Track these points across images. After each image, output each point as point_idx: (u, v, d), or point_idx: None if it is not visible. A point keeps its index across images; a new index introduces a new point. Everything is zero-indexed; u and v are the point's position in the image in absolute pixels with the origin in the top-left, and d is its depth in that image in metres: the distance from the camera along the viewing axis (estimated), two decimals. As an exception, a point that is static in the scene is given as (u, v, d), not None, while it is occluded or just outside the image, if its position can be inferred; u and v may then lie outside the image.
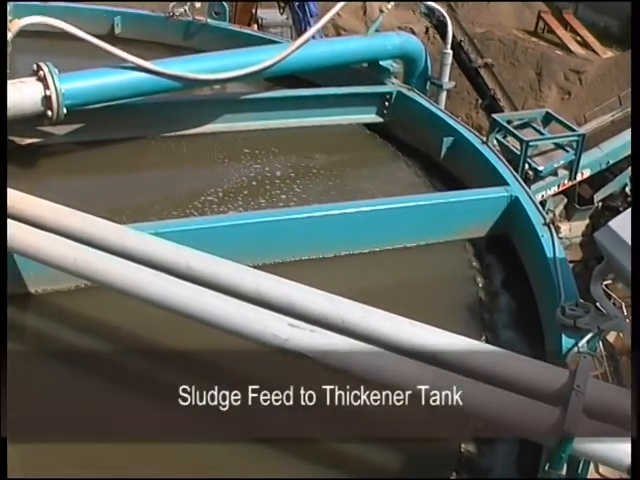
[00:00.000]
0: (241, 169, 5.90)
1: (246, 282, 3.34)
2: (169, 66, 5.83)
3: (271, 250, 4.48)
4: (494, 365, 3.09)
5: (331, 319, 3.18)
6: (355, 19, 24.51)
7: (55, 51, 6.51)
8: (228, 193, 5.52)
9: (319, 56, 6.70)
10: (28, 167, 5.66)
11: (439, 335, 3.17)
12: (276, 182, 5.72)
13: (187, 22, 8.38)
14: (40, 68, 5.39)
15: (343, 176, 5.91)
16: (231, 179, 5.74)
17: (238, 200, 5.42)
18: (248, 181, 5.73)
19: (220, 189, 5.57)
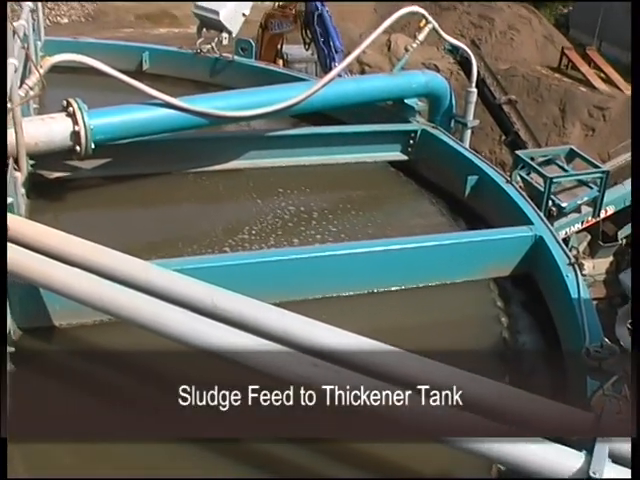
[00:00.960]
0: (265, 206, 5.93)
1: (272, 321, 3.33)
2: (196, 103, 5.90)
3: (294, 288, 4.47)
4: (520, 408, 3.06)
5: (355, 360, 3.17)
6: (379, 55, 24.64)
7: (85, 86, 6.60)
8: (252, 229, 5.54)
9: (345, 94, 6.76)
10: (55, 201, 5.72)
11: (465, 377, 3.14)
12: (300, 219, 5.73)
13: (214, 59, 8.49)
14: (70, 104, 5.47)
15: (367, 214, 5.92)
16: (255, 215, 5.76)
17: (261, 236, 5.44)
18: (272, 218, 5.74)
19: (244, 225, 5.59)
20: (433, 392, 3.01)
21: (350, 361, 3.20)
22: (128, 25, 27.14)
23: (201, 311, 3.44)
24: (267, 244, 5.34)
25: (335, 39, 14.67)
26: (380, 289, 4.78)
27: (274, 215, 5.80)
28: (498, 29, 28.08)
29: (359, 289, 4.73)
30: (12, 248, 3.73)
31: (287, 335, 3.29)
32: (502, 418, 2.97)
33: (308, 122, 7.02)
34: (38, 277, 3.69)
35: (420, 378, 3.11)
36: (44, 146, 5.38)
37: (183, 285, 3.59)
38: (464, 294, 5.04)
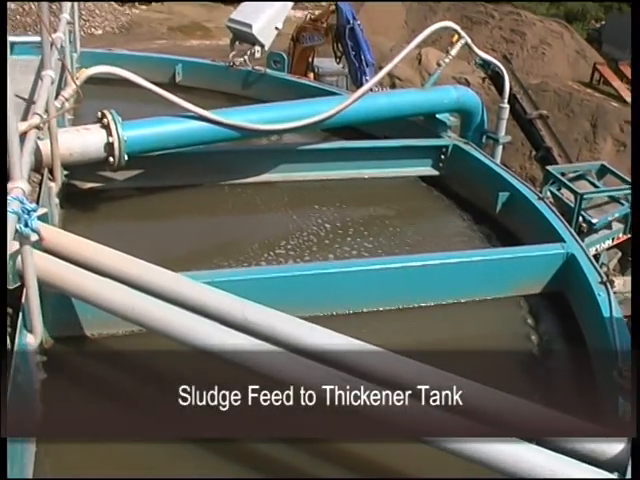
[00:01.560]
0: (296, 219, 5.95)
1: (301, 335, 3.34)
2: (229, 116, 5.94)
3: (326, 302, 4.46)
4: (550, 429, 3.04)
5: (386, 376, 3.16)
6: (410, 69, 24.65)
7: (118, 97, 6.67)
8: (282, 243, 5.55)
9: (377, 108, 6.78)
10: (88, 211, 5.77)
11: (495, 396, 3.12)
12: (331, 233, 5.74)
13: (247, 71, 8.55)
14: (104, 115, 5.53)
15: (398, 229, 5.91)
16: (286, 229, 5.78)
17: (292, 250, 5.45)
18: (302, 231, 5.76)
19: (275, 239, 5.61)
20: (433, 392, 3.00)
21: (378, 376, 3.20)
22: (161, 37, 27.40)
23: (232, 324, 3.45)
24: (297, 258, 5.35)
25: (366, 53, 14.68)
26: (410, 305, 4.76)
27: (304, 229, 5.81)
28: (530, 43, 28.04)
29: (389, 305, 4.71)
30: (45, 258, 3.78)
31: (315, 349, 3.29)
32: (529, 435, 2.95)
33: (339, 136, 7.05)
34: (71, 287, 3.72)
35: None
36: (78, 157, 5.44)
37: (214, 298, 3.61)
38: (494, 311, 5.00)
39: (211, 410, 3.13)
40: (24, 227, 3.21)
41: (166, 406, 3.68)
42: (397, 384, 3.15)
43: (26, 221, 3.21)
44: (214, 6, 35.99)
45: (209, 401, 3.13)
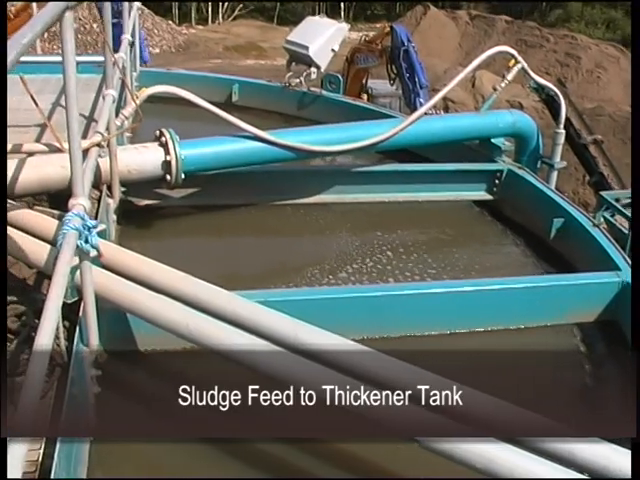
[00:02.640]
0: (349, 241, 5.97)
1: (355, 358, 3.34)
2: (284, 137, 5.99)
3: (376, 325, 4.46)
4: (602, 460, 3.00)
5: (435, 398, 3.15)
6: (464, 91, 24.59)
7: (176, 116, 6.78)
8: (336, 264, 5.57)
9: (431, 132, 6.78)
10: (143, 227, 5.86)
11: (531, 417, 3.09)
12: (381, 256, 5.74)
13: (302, 92, 8.61)
14: (162, 134, 5.62)
15: (451, 253, 5.89)
16: (339, 250, 5.80)
17: (345, 272, 5.46)
18: (356, 253, 5.77)
19: (328, 260, 5.63)
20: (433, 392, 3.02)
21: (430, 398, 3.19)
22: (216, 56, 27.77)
23: (283, 344, 3.47)
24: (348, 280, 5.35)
25: (420, 75, 14.68)
26: (462, 330, 4.73)
27: (355, 250, 5.82)
28: (585, 67, 27.82)
29: (438, 329, 4.69)
30: (103, 273, 3.84)
31: (368, 372, 3.29)
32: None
33: (393, 158, 7.06)
34: (126, 303, 3.77)
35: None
36: (136, 174, 5.53)
37: (267, 317, 3.63)
38: (547, 338, 4.95)
39: (211, 410, 3.22)
40: (84, 243, 3.27)
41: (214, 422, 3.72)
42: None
43: (87, 237, 3.27)
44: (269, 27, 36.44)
45: (209, 401, 3.24)
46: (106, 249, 3.93)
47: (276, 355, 3.33)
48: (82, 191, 3.35)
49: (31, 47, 2.51)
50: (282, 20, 46.25)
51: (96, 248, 3.38)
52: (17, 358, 3.64)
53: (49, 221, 4.43)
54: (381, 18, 46.85)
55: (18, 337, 3.78)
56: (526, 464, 2.93)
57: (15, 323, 3.86)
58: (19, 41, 2.34)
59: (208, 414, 3.80)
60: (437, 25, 35.01)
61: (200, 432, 3.66)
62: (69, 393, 3.15)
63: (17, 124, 6.44)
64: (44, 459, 2.97)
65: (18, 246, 4.18)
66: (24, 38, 2.39)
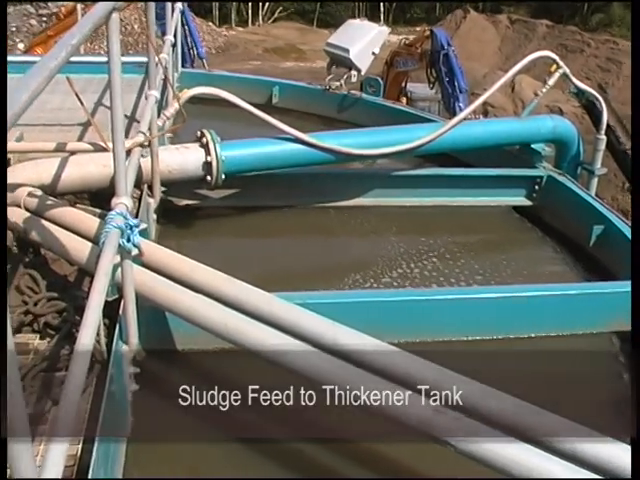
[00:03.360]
0: (387, 245, 5.96)
1: (394, 362, 3.34)
2: (325, 139, 5.99)
3: (413, 329, 4.44)
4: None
5: (478, 408, 3.13)
6: (503, 96, 24.44)
7: (216, 117, 6.82)
8: (374, 268, 5.56)
9: (472, 136, 6.74)
10: (183, 227, 5.90)
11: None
12: (419, 260, 5.72)
13: (342, 95, 8.61)
14: (203, 135, 5.66)
15: (489, 259, 5.85)
16: (377, 254, 5.79)
17: (381, 275, 5.44)
18: (393, 257, 5.76)
19: (366, 263, 5.63)
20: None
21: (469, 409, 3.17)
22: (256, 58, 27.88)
23: (322, 346, 3.46)
24: (385, 283, 5.35)
25: (460, 79, 14.63)
26: (500, 336, 4.70)
27: (393, 254, 5.81)
28: (626, 73, 27.51)
29: (478, 334, 4.66)
30: (143, 272, 3.86)
31: (408, 376, 3.28)
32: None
33: (433, 162, 7.04)
34: (166, 302, 3.79)
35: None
36: (177, 174, 5.57)
37: (305, 319, 3.63)
38: (585, 346, 4.90)
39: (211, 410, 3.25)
40: (126, 242, 3.30)
41: (251, 423, 3.74)
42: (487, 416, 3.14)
43: (129, 236, 3.31)
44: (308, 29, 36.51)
45: (209, 401, 3.29)
46: (147, 248, 3.96)
47: (314, 357, 3.33)
48: (125, 190, 3.38)
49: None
50: (322, 23, 46.35)
51: (137, 247, 3.41)
52: (57, 354, 3.68)
53: (91, 219, 4.48)
54: (421, 21, 46.77)
55: (59, 333, 3.82)
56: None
57: (56, 319, 3.91)
58: (68, 42, 2.37)
59: (245, 414, 3.83)
60: (477, 29, 34.87)
61: (237, 432, 3.69)
62: (108, 391, 3.18)
63: (60, 123, 6.54)
64: (82, 455, 3.00)
65: (60, 243, 4.23)
66: (73, 39, 2.42)
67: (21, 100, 1.77)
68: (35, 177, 5.02)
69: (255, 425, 3.76)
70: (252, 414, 3.80)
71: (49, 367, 3.59)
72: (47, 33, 13.46)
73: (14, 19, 29.19)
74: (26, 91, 1.83)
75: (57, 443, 2.05)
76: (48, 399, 3.36)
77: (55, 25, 13.55)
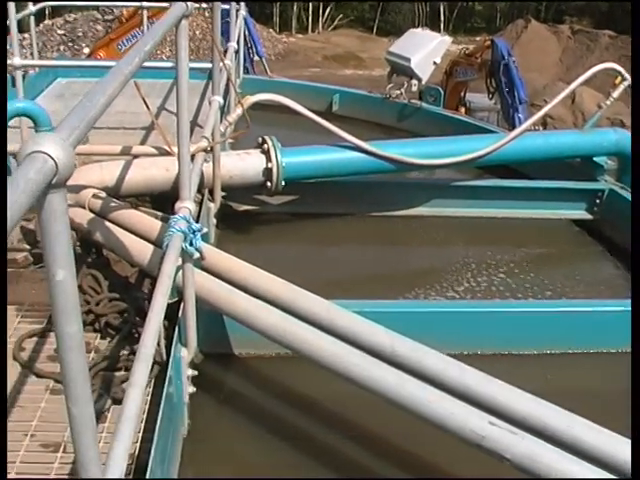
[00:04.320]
0: (444, 255, 5.95)
1: (450, 373, 3.32)
2: (385, 148, 6.00)
3: (469, 340, 4.41)
4: None
5: (533, 423, 3.09)
6: (563, 107, 24.13)
7: (276, 123, 6.86)
8: (430, 277, 5.54)
9: (533, 148, 6.68)
10: (242, 232, 5.95)
11: None
12: (478, 271, 5.68)
13: (402, 104, 8.59)
14: (265, 141, 5.70)
15: (547, 272, 5.77)
16: (434, 263, 5.78)
17: (437, 286, 5.41)
18: (449, 267, 5.73)
19: (423, 273, 5.63)
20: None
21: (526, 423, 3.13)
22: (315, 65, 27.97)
23: (379, 356, 3.46)
24: (442, 294, 5.32)
25: (520, 90, 14.53)
26: (556, 351, 4.63)
27: (451, 265, 5.78)
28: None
29: (536, 349, 4.60)
30: (203, 276, 3.91)
31: (465, 388, 3.26)
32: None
33: (493, 173, 6.99)
34: (225, 306, 3.83)
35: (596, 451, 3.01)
36: (238, 180, 5.62)
37: (363, 328, 3.63)
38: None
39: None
40: (189, 246, 3.35)
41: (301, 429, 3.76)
42: (543, 432, 3.10)
43: (191, 240, 3.35)
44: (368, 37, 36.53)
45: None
46: (208, 252, 4.00)
47: (372, 367, 3.32)
48: (189, 195, 3.43)
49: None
50: (381, 31, 46.33)
51: (199, 251, 3.46)
52: (117, 354, 3.74)
53: (153, 222, 4.55)
54: (481, 31, 46.51)
55: (119, 333, 3.88)
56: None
57: (117, 320, 3.96)
58: (142, 48, 2.42)
59: (298, 420, 3.85)
60: (538, 39, 34.49)
61: (289, 436, 3.70)
62: (166, 392, 3.21)
63: (124, 126, 6.65)
64: (140, 454, 3.04)
65: (122, 245, 4.30)
66: (146, 45, 2.46)
67: (98, 104, 1.81)
68: (99, 179, 5.11)
69: (308, 431, 3.78)
70: (306, 420, 3.84)
71: (109, 366, 3.64)
72: (109, 36, 13.72)
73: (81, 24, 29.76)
74: (102, 95, 1.87)
75: (120, 443, 2.08)
76: (108, 398, 3.41)
77: (117, 29, 13.80)
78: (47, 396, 3.45)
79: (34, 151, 1.42)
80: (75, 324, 1.62)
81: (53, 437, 3.15)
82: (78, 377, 1.68)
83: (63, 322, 1.60)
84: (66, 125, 1.59)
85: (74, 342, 1.63)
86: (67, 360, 1.65)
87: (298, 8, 49.12)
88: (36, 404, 3.37)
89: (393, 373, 3.28)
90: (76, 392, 1.69)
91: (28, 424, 3.24)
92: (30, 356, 3.73)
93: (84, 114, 1.71)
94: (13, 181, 1.32)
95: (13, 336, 3.87)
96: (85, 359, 1.70)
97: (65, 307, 1.58)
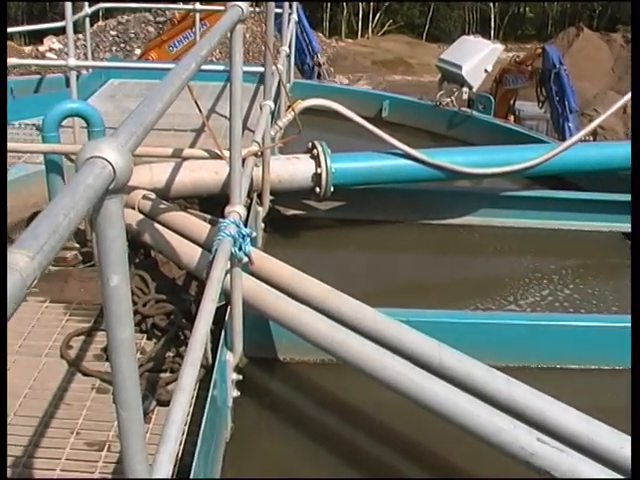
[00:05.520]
0: (491, 265, 5.89)
1: (499, 388, 3.27)
2: (435, 156, 5.95)
3: (516, 353, 4.35)
4: None
5: (583, 441, 3.04)
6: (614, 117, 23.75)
7: (324, 127, 6.86)
8: (477, 288, 5.50)
9: (585, 159, 6.57)
10: (288, 237, 5.95)
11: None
12: (525, 283, 5.60)
13: (453, 112, 8.53)
14: (315, 146, 5.69)
15: (595, 286, 5.64)
16: (480, 274, 5.73)
17: (483, 296, 5.34)
18: (496, 279, 5.68)
19: (469, 283, 5.57)
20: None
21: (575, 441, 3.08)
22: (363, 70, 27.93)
23: (426, 366, 3.43)
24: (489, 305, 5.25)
25: (571, 99, 14.39)
26: (602, 366, 4.53)
27: (500, 276, 5.72)
28: None
29: (581, 363, 4.52)
30: (251, 280, 3.90)
31: (515, 404, 3.21)
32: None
33: (543, 184, 6.90)
34: (272, 311, 3.82)
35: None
36: (286, 184, 5.63)
37: (411, 338, 3.60)
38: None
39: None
40: (238, 251, 3.34)
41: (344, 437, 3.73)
42: (590, 451, 3.04)
43: (241, 245, 3.35)
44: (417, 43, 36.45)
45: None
46: (256, 257, 3.99)
47: (419, 378, 3.29)
48: (239, 199, 3.43)
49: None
50: (431, 37, 46.22)
51: (248, 256, 3.45)
52: (163, 355, 3.75)
53: (202, 225, 4.56)
54: (532, 38, 46.12)
55: (166, 335, 3.89)
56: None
57: (163, 321, 3.98)
58: (198, 53, 2.42)
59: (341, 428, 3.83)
60: (590, 47, 34.06)
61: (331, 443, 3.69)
62: (211, 396, 3.22)
63: (174, 128, 6.70)
64: (183, 455, 3.05)
65: (171, 247, 4.32)
66: (202, 50, 2.47)
67: (156, 109, 1.82)
68: (148, 180, 5.15)
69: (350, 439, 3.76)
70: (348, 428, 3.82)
71: (154, 367, 3.65)
72: (161, 38, 13.84)
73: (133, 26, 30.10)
74: (160, 101, 1.87)
75: (167, 445, 2.09)
76: (153, 399, 3.42)
77: (169, 30, 13.92)
78: (93, 395, 3.47)
79: (93, 156, 1.42)
80: (128, 329, 1.62)
81: (98, 436, 3.18)
82: (129, 382, 1.68)
83: (116, 327, 1.60)
84: (124, 130, 1.60)
85: (126, 347, 1.63)
86: (118, 364, 1.65)
87: (348, 13, 49.19)
88: (82, 402, 3.40)
89: (442, 385, 3.24)
90: (126, 396, 1.69)
91: (74, 422, 3.26)
92: (77, 354, 3.76)
93: (142, 119, 1.71)
94: (72, 186, 1.33)
95: (61, 334, 3.90)
96: (136, 364, 1.70)
97: (118, 312, 1.58)
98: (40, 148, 4.52)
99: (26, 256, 1.10)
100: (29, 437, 3.13)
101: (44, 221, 1.21)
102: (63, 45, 25.45)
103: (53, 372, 3.60)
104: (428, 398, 3.19)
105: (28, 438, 3.12)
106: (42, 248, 1.14)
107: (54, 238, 1.18)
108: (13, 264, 1.06)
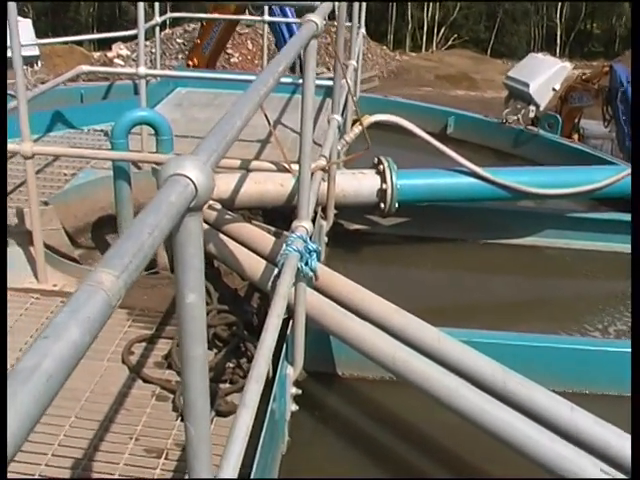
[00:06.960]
0: (557, 288, 5.80)
1: (561, 414, 3.21)
2: (501, 175, 5.89)
3: (578, 379, 4.27)
4: None
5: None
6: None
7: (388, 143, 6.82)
8: (540, 310, 5.42)
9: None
10: (351, 251, 5.95)
11: None
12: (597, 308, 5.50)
13: (519, 130, 8.43)
14: (380, 162, 5.67)
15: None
16: (546, 296, 5.63)
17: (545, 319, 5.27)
18: (560, 301, 5.61)
19: (532, 305, 5.49)
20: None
21: None
22: (426, 84, 27.81)
23: (489, 389, 3.39)
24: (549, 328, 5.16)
25: (638, 119, 14.09)
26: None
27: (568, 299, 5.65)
28: None
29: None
30: (314, 295, 3.89)
31: (577, 432, 3.15)
32: None
33: (608, 205, 6.77)
34: (337, 328, 3.81)
35: None
36: (351, 199, 5.61)
37: (474, 360, 3.57)
38: None
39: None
40: (304, 266, 3.32)
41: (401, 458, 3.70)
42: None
43: (307, 260, 3.33)
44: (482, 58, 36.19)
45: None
46: (321, 272, 3.98)
47: (482, 402, 3.25)
48: (307, 214, 3.42)
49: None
50: (495, 52, 45.84)
51: (314, 271, 3.43)
52: (223, 366, 3.75)
53: (267, 237, 4.56)
54: (598, 55, 45.42)
55: (227, 346, 3.90)
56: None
57: (225, 332, 3.98)
58: (275, 69, 2.43)
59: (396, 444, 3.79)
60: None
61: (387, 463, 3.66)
62: (270, 409, 3.21)
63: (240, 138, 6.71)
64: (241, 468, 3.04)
65: (235, 258, 4.33)
66: (280, 66, 2.47)
67: (235, 126, 1.82)
68: (215, 191, 5.16)
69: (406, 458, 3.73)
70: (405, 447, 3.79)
71: (214, 378, 3.65)
72: (196, 42, 13.98)
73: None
74: (239, 118, 1.88)
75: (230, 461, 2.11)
76: (211, 410, 3.42)
77: (201, 33, 14.06)
78: (153, 402, 3.48)
79: (176, 173, 1.42)
80: (201, 347, 1.61)
81: (157, 443, 3.19)
82: (199, 398, 1.67)
83: (189, 344, 1.59)
84: (206, 147, 1.60)
85: (198, 365, 1.62)
86: (190, 381, 1.64)
87: (412, 27, 49.10)
88: (142, 409, 3.41)
89: (505, 411, 3.19)
90: (195, 412, 1.68)
91: (133, 428, 3.27)
92: (138, 360, 3.79)
93: (222, 136, 1.72)
94: (156, 204, 1.32)
95: (123, 339, 3.93)
96: (207, 381, 1.69)
97: (192, 330, 1.57)
98: (110, 155, 4.58)
99: (112, 275, 1.09)
100: (89, 440, 3.15)
101: (129, 240, 1.21)
102: (131, 52, 25.80)
103: (114, 377, 3.62)
104: (491, 423, 3.14)
105: (88, 441, 3.14)
106: (127, 267, 1.14)
107: (139, 257, 1.18)
108: (99, 283, 1.06)
